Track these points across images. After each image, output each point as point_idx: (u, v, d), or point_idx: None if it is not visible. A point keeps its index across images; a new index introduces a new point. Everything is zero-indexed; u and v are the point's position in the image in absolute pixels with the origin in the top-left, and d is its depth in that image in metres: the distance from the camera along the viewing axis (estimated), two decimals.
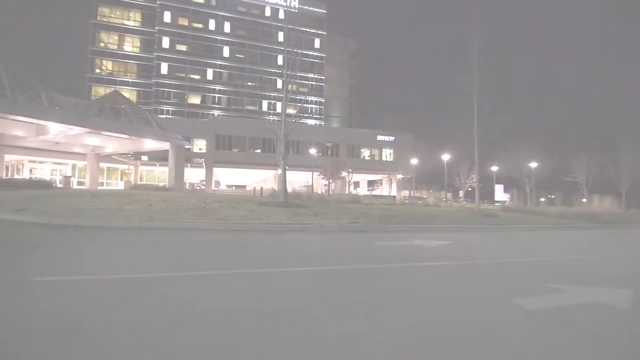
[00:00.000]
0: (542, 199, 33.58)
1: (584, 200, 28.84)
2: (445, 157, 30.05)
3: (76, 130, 24.36)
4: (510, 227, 11.84)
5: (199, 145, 45.73)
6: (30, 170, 32.87)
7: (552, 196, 32.38)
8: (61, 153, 32.07)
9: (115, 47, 61.65)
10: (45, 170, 33.91)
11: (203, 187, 41.89)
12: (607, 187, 28.21)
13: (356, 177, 43.26)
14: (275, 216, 10.06)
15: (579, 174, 31.16)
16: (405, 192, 44.09)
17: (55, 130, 24.56)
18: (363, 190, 52.67)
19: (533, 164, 31.62)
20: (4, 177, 26.03)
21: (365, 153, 53.07)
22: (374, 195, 41.67)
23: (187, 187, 34.04)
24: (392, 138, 52.13)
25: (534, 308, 3.29)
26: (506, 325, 2.87)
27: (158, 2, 60.67)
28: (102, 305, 2.88)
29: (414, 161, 37.93)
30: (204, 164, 42.64)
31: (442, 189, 33.89)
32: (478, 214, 14.54)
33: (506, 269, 5.24)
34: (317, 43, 66.95)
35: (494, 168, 38.34)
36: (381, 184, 53.83)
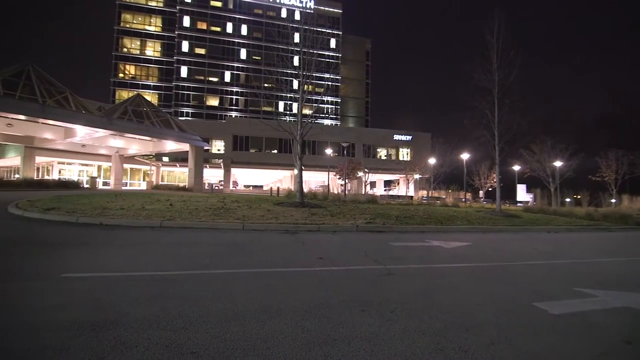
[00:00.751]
0: (568, 200, 32.20)
1: (613, 200, 27.47)
2: (464, 156, 29.26)
3: (101, 132, 25.40)
4: (533, 228, 11.45)
5: (218, 146, 46.66)
6: (59, 171, 34.52)
7: (578, 196, 31.03)
8: (87, 155, 33.56)
9: (138, 52, 63.86)
10: (73, 171, 35.52)
11: (221, 187, 42.69)
12: (637, 187, 26.79)
13: (372, 177, 42.90)
14: (291, 216, 10.14)
15: (607, 173, 29.74)
16: (423, 192, 43.35)
17: (82, 133, 25.72)
18: (380, 190, 52.23)
19: (558, 163, 30.41)
20: (35, 178, 27.43)
21: (382, 153, 52.61)
22: (391, 195, 41.22)
23: (206, 187, 34.78)
24: (409, 137, 51.46)
25: (559, 312, 3.18)
26: (529, 329, 2.79)
27: (178, 7, 62.37)
28: (126, 301, 3.00)
29: (432, 161, 37.21)
30: (222, 164, 43.45)
31: (461, 189, 33.02)
32: (499, 215, 14.13)
33: (529, 272, 5.08)
34: (332, 43, 67.02)
35: (516, 167, 37.09)
36: (398, 183, 53.18)
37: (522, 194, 47.50)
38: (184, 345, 2.21)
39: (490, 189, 41.13)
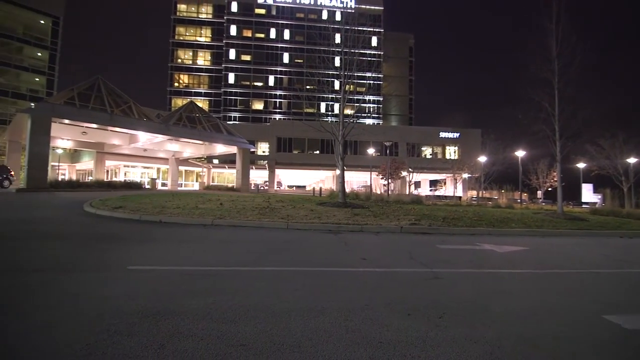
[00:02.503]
0: None
1: None
2: (520, 153, 27.00)
3: (160, 138, 27.73)
4: (602, 233, 10.23)
5: (263, 148, 48.40)
6: (125, 174, 38.30)
7: None
8: (148, 158, 36.85)
9: (190, 61, 68.72)
10: (136, 173, 39.19)
11: (266, 187, 44.21)
12: None
13: (417, 176, 41.49)
14: (334, 216, 10.17)
15: None
16: (473, 193, 40.91)
17: (144, 138, 28.30)
18: (425, 191, 50.34)
19: (632, 160, 26.86)
20: (105, 180, 30.72)
21: (427, 151, 50.67)
22: (437, 195, 39.49)
23: (252, 188, 36.30)
24: (456, 135, 48.94)
25: (634, 328, 2.81)
26: (599, 345, 2.50)
27: (225, 17, 65.89)
28: (182, 292, 3.24)
29: (482, 159, 34.91)
30: (266, 165, 44.98)
31: (515, 189, 30.56)
32: (561, 217, 12.86)
33: (597, 281, 4.55)
34: (374, 41, 66.09)
35: (581, 165, 33.49)
36: (445, 183, 50.80)
37: (588, 194, 42.65)
38: (234, 337, 2.33)
39: (550, 189, 37.56)
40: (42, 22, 51.38)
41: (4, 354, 2.00)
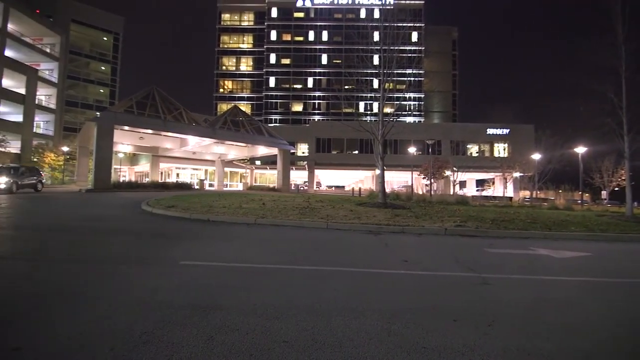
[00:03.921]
0: None
1: None
2: (580, 150, 24.49)
3: (207, 141, 29.43)
4: None
5: (302, 149, 49.22)
6: (177, 175, 41.14)
7: None
8: (196, 160, 39.27)
9: (234, 68, 72.08)
10: (186, 174, 41.95)
11: (306, 187, 44.87)
12: None
13: (462, 176, 39.41)
14: (374, 216, 10.04)
15: None
16: (525, 193, 37.93)
17: (193, 142, 30.21)
18: (471, 191, 47.75)
19: None
20: (159, 181, 33.25)
21: (473, 149, 48.04)
22: (485, 196, 37.22)
23: (292, 188, 37.09)
24: (506, 131, 45.80)
25: None
26: None
27: (266, 23, 68.08)
28: (229, 288, 3.41)
29: (536, 156, 32.26)
30: (306, 166, 45.64)
31: (575, 189, 27.72)
32: (630, 220, 11.48)
33: None
34: (414, 36, 64.08)
35: None
36: (493, 183, 47.74)
37: None
38: (277, 333, 2.40)
39: (616, 189, 33.55)
40: (105, 38, 57.11)
41: (74, 338, 2.25)
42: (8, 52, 36.38)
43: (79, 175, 33.12)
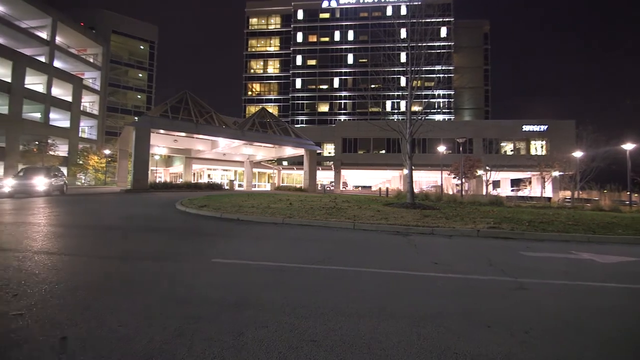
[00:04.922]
0: None
1: None
2: (628, 146, 22.55)
3: (236, 142, 30.29)
4: None
5: (328, 149, 49.28)
6: (208, 176, 42.71)
7: None
8: (226, 162, 40.56)
9: (261, 71, 73.70)
10: (217, 175, 43.45)
11: (332, 187, 44.90)
12: None
13: (495, 175, 37.64)
14: (402, 217, 9.85)
15: None
16: (566, 193, 35.54)
17: (223, 144, 31.21)
18: (505, 191, 45.51)
19: None
20: (192, 182, 34.66)
21: (507, 147, 45.77)
22: (521, 196, 35.29)
23: (319, 188, 37.25)
24: (543, 127, 43.23)
25: None
26: None
27: (292, 25, 68.91)
28: (259, 286, 3.49)
29: (577, 154, 30.11)
30: (332, 166, 45.65)
31: (623, 188, 25.54)
32: None
33: None
34: (443, 32, 62.12)
35: None
36: (530, 183, 45.15)
37: None
38: (305, 332, 2.43)
39: None
40: (141, 47, 60.42)
41: (116, 331, 2.40)
42: (56, 63, 39.53)
43: (120, 177, 35.33)
